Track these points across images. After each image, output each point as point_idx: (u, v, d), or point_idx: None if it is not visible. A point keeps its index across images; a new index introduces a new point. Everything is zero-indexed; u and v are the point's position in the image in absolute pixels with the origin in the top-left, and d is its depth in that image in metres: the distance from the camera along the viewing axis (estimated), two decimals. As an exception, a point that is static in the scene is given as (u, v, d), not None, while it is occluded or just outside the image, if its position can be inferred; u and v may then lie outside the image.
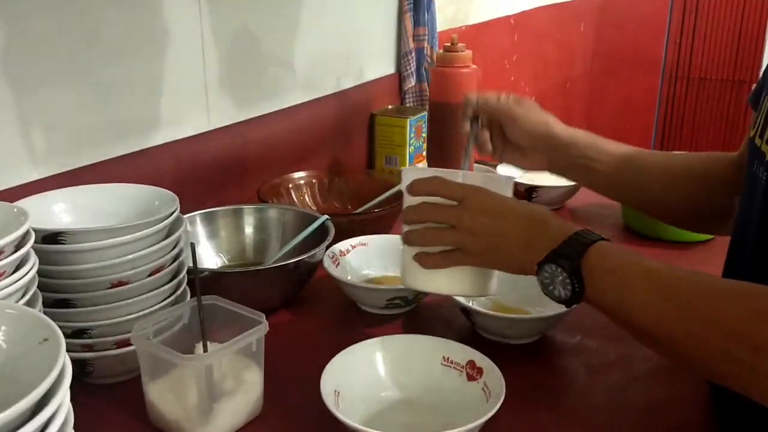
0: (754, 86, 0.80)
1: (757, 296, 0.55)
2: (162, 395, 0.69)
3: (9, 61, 0.81)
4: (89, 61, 0.90)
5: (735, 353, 0.54)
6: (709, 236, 1.15)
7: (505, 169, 1.34)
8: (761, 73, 0.79)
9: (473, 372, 0.71)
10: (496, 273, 0.75)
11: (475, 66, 1.26)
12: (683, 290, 0.59)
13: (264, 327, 0.69)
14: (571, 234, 0.66)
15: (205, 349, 0.68)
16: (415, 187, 0.73)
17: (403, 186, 0.76)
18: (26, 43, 0.82)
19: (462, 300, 0.85)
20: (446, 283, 0.74)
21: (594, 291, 0.63)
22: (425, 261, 0.73)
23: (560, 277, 0.64)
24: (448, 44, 1.25)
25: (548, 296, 0.66)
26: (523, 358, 0.83)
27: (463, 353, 0.73)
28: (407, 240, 0.74)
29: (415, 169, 0.76)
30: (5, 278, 0.58)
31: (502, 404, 0.64)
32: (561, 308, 0.82)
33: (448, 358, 0.74)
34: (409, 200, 0.74)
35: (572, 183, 1.30)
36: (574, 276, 0.63)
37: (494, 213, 0.69)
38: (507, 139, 0.91)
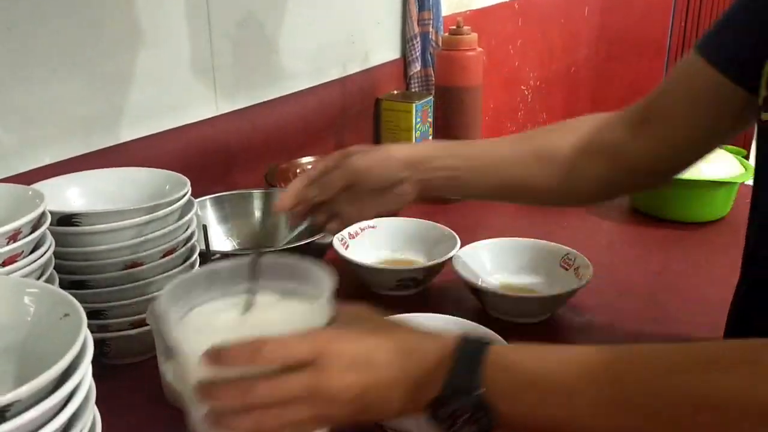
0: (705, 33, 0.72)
1: (748, 349, 0.44)
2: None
3: (20, 50, 0.81)
4: (99, 49, 0.91)
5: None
6: (721, 215, 1.16)
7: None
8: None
9: (484, 349, 0.72)
10: None
11: (480, 49, 1.27)
12: (643, 378, 0.46)
13: None
14: (450, 353, 0.50)
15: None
16: (229, 360, 0.48)
17: (178, 338, 0.51)
18: (34, 34, 0.83)
19: (471, 279, 0.86)
20: None
21: (515, 417, 0.49)
22: None
23: (463, 417, 0.49)
24: (454, 27, 1.25)
25: None
26: (532, 337, 0.83)
27: (475, 332, 0.74)
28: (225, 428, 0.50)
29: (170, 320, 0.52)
30: (23, 258, 0.59)
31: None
32: (569, 287, 0.84)
33: (458, 336, 0.74)
34: (202, 370, 0.49)
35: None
36: (481, 410, 0.48)
37: (360, 363, 0.51)
38: (356, 197, 0.75)
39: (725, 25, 0.69)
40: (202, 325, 0.54)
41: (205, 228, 0.71)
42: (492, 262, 0.94)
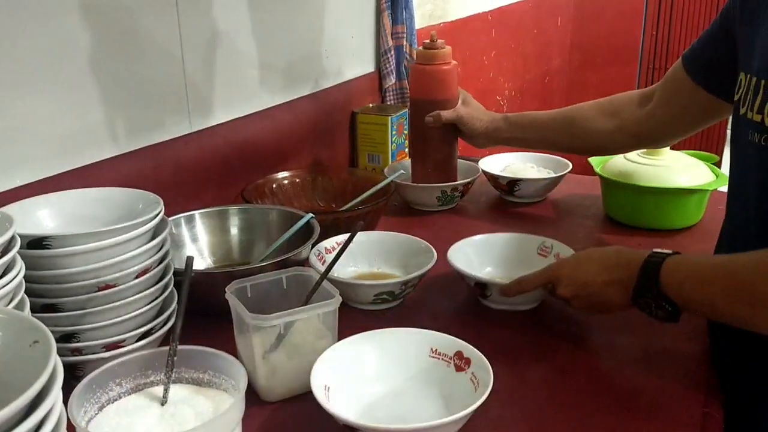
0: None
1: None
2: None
3: (-12, 68, 0.81)
4: (68, 68, 0.90)
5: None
6: (693, 222, 1.17)
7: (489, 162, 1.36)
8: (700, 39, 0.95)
9: (461, 363, 0.72)
10: None
11: (455, 62, 1.27)
12: (741, 270, 0.69)
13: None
14: (641, 264, 0.75)
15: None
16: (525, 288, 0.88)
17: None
18: (3, 52, 0.82)
19: (476, 274, 0.92)
20: None
21: (684, 301, 0.72)
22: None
23: (653, 304, 0.74)
24: (428, 41, 1.26)
25: (659, 320, 0.75)
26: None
27: (451, 344, 0.74)
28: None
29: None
30: (-8, 283, 0.59)
31: (490, 393, 0.65)
32: None
33: (436, 350, 0.74)
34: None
35: (553, 175, 1.32)
36: (662, 300, 0.73)
37: (574, 278, 0.82)
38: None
39: (699, 39, 0.96)
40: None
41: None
42: (477, 257, 1.00)
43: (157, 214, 0.77)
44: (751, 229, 0.77)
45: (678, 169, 1.16)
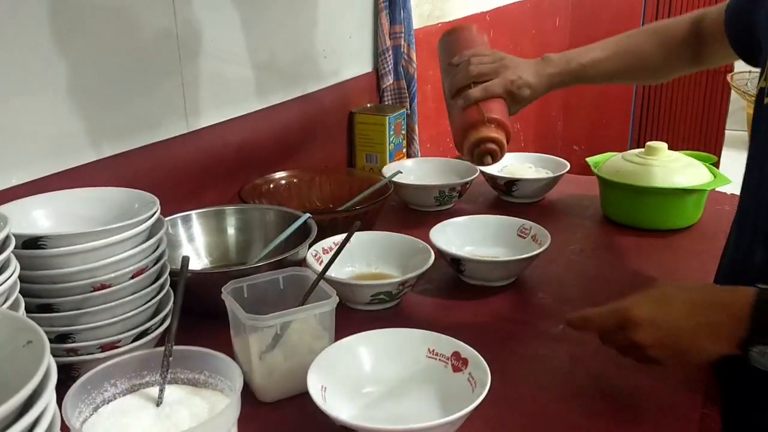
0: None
1: None
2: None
3: (-17, 67, 0.80)
4: (64, 68, 0.90)
5: None
6: (691, 222, 1.17)
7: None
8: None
9: (458, 363, 0.72)
10: None
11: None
12: None
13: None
14: (753, 302, 0.63)
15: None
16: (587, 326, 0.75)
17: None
18: (2, 49, 0.82)
19: (452, 251, 0.98)
20: None
21: None
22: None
23: None
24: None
25: None
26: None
27: (448, 345, 0.74)
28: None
29: None
30: (-14, 284, 0.58)
31: (488, 393, 0.65)
32: (530, 252, 0.97)
33: (433, 350, 0.74)
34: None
35: (551, 175, 1.32)
36: None
37: (658, 321, 0.67)
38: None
39: None
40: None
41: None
42: (457, 236, 1.05)
43: (153, 214, 0.76)
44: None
45: (676, 169, 1.15)
